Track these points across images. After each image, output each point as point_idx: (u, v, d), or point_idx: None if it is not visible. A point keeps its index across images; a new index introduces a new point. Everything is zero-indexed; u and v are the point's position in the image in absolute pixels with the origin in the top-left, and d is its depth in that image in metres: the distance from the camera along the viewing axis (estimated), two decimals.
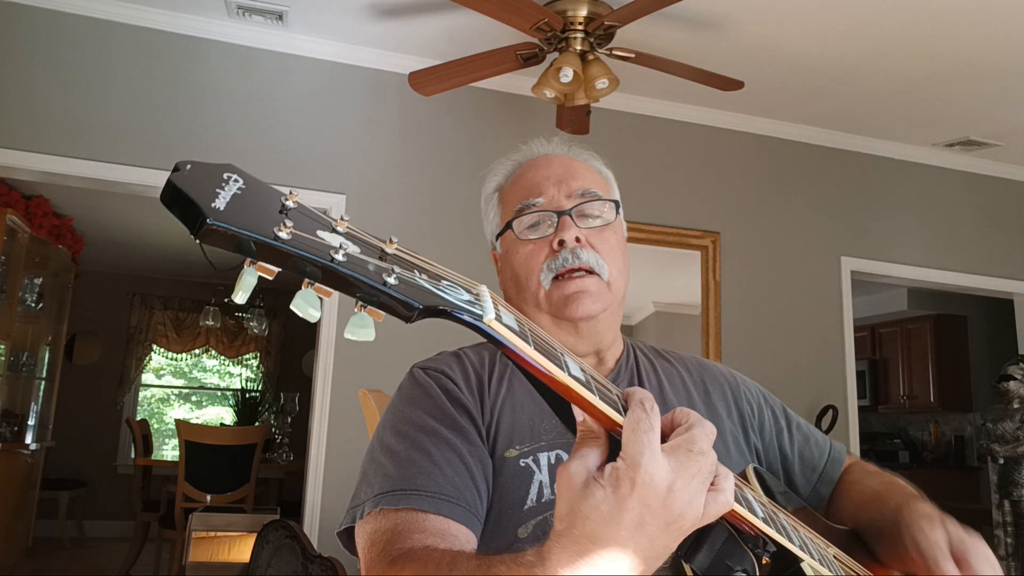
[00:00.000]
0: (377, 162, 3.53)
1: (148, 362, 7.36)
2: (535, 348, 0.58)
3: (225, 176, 0.51)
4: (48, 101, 3.15)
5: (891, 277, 4.35)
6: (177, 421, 4.68)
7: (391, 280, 0.51)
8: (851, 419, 4.02)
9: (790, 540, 0.76)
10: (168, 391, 7.82)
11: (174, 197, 0.50)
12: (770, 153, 4.16)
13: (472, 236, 3.50)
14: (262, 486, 5.06)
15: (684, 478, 0.58)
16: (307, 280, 0.51)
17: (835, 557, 0.88)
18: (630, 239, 1.11)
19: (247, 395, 7.49)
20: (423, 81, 3.05)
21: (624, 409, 0.61)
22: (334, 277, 0.50)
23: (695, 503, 0.59)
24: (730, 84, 3.02)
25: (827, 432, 3.74)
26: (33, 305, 5.43)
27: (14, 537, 5.14)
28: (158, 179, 3.23)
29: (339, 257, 0.50)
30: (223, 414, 7.80)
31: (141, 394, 7.50)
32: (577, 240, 1.00)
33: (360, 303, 0.53)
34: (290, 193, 0.52)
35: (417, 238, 3.52)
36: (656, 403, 0.61)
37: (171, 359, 7.58)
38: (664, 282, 3.92)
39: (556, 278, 1.00)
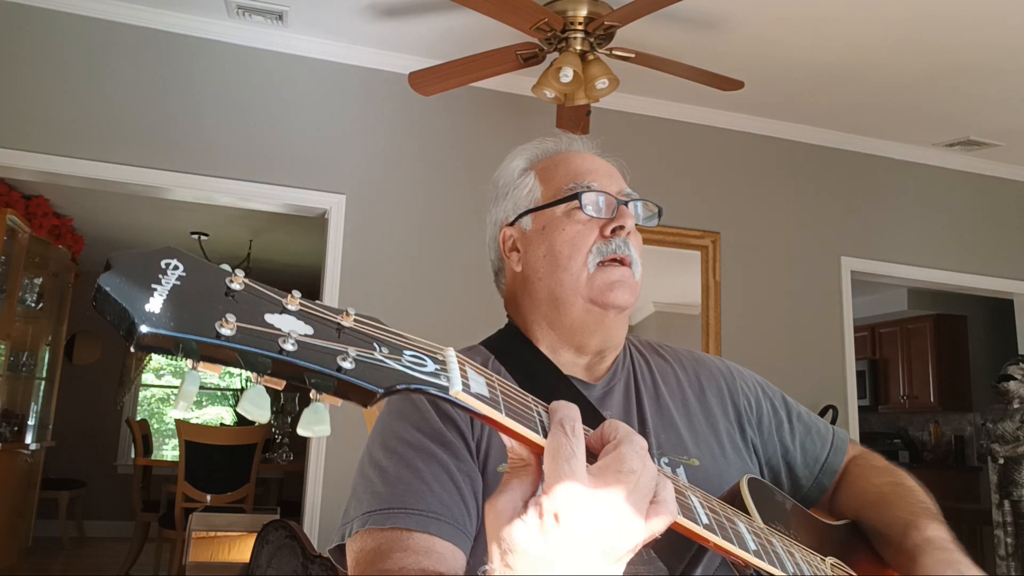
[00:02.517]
0: (377, 162, 3.53)
1: (148, 362, 7.36)
2: (507, 414, 0.54)
3: (163, 264, 0.47)
4: (48, 101, 3.14)
5: (891, 277, 4.34)
6: (177, 421, 4.68)
7: (347, 365, 0.47)
8: (851, 419, 4.01)
9: (784, 570, 0.76)
10: (168, 391, 7.83)
11: (104, 302, 0.44)
12: (770, 153, 4.16)
13: (473, 235, 3.50)
14: (262, 486, 5.06)
15: (615, 503, 0.53)
16: (255, 375, 0.47)
17: (833, 566, 0.88)
18: None
19: None
20: (423, 81, 3.05)
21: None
22: (285, 368, 0.47)
23: (630, 525, 0.54)
24: (730, 84, 3.02)
25: None
26: (33, 305, 5.43)
27: (14, 537, 5.14)
28: (158, 179, 3.23)
29: (288, 347, 0.46)
30: (223, 414, 7.80)
31: (141, 394, 7.50)
32: (627, 233, 1.01)
33: (315, 391, 0.49)
34: (234, 273, 0.49)
35: (417, 238, 3.52)
36: (580, 422, 0.56)
37: (171, 359, 7.57)
38: (664, 282, 3.91)
39: (600, 263, 1.00)
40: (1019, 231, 4.58)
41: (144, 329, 0.43)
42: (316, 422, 0.49)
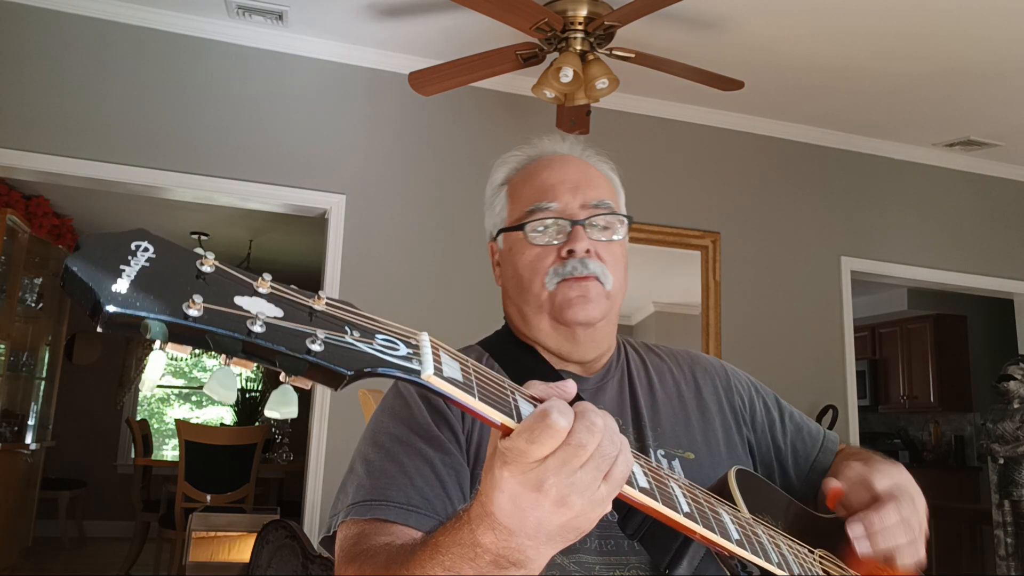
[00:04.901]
0: (377, 162, 3.52)
1: (148, 362, 7.35)
2: (480, 398, 0.55)
3: (133, 247, 0.47)
4: (48, 101, 3.14)
5: (891, 277, 4.34)
6: (177, 421, 4.68)
7: (315, 347, 0.48)
8: (851, 419, 4.01)
9: (767, 559, 0.76)
10: (168, 391, 7.82)
11: (71, 282, 0.44)
12: (770, 153, 4.16)
13: (473, 236, 3.50)
14: (262, 486, 5.06)
15: (564, 473, 0.57)
16: (224, 356, 0.47)
17: (821, 558, 0.88)
18: (630, 239, 1.11)
19: (247, 395, 7.49)
20: (423, 81, 3.05)
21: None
22: (254, 349, 0.47)
23: (584, 492, 0.58)
24: (730, 84, 3.02)
25: None
26: (33, 305, 5.43)
27: (14, 537, 5.14)
28: (158, 179, 3.23)
29: (256, 328, 0.46)
30: (223, 414, 7.80)
31: (141, 394, 7.50)
32: (587, 251, 1.00)
33: (284, 373, 0.49)
34: (205, 256, 0.49)
35: (417, 238, 3.52)
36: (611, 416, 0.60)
37: (171, 359, 7.58)
38: (664, 282, 3.91)
39: (561, 281, 1.00)
40: (1019, 231, 4.58)
41: (110, 309, 0.43)
42: (283, 403, 0.50)
